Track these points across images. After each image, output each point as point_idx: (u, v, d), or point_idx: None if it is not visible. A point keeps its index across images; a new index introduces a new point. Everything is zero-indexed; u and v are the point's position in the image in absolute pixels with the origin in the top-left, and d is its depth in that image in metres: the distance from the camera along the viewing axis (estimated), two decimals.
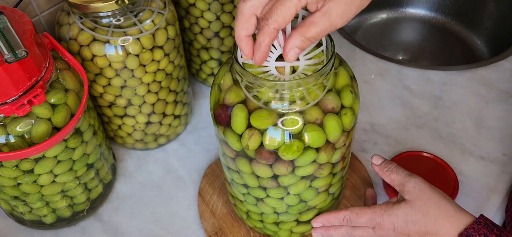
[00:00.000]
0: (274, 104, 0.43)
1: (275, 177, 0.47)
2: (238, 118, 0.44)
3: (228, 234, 0.61)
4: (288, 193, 0.50)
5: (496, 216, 0.62)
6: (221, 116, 0.45)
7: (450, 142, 0.71)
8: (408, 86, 0.80)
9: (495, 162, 0.68)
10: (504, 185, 0.65)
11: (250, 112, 0.44)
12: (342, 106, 0.44)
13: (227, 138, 0.46)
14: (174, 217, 0.65)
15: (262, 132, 0.43)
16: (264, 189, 0.50)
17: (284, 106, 0.43)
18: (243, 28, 0.40)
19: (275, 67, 0.44)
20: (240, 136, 0.44)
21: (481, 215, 0.45)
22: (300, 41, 0.39)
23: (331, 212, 0.52)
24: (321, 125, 0.43)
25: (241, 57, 0.43)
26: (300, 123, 0.43)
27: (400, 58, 1.06)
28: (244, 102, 0.44)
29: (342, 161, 0.50)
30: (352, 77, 0.47)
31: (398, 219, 0.47)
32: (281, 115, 0.43)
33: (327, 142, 0.44)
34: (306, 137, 0.43)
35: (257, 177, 0.48)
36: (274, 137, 0.43)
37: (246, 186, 0.51)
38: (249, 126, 0.43)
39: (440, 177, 0.64)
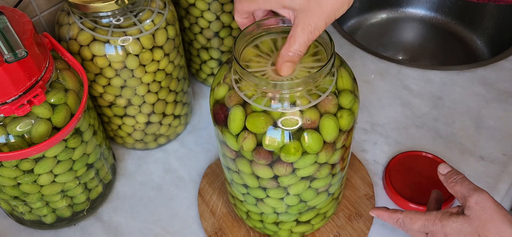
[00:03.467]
0: (273, 105, 0.43)
1: (275, 177, 0.47)
2: (235, 120, 0.44)
3: (228, 234, 0.61)
4: (288, 193, 0.50)
5: None
6: (220, 115, 0.45)
7: (450, 142, 0.71)
8: (408, 86, 0.80)
9: (495, 162, 0.68)
10: (504, 185, 0.65)
11: (247, 114, 0.44)
12: (342, 108, 0.44)
13: (225, 138, 0.46)
14: (174, 217, 0.65)
15: (257, 134, 0.43)
16: (264, 189, 0.50)
17: (284, 107, 0.43)
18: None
19: (272, 70, 0.44)
20: (237, 136, 0.44)
21: None
22: (288, 56, 0.42)
23: (385, 211, 0.50)
24: (319, 126, 0.43)
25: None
26: (299, 123, 0.43)
27: (400, 58, 1.06)
28: (243, 104, 0.44)
29: (342, 161, 0.50)
30: (353, 79, 0.47)
31: (452, 232, 0.44)
32: (281, 116, 0.43)
33: (326, 142, 0.44)
34: (305, 138, 0.43)
35: (257, 177, 0.48)
36: (273, 137, 0.43)
37: (246, 186, 0.51)
38: (245, 128, 0.44)
39: None
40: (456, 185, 0.47)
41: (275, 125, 0.43)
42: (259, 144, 0.44)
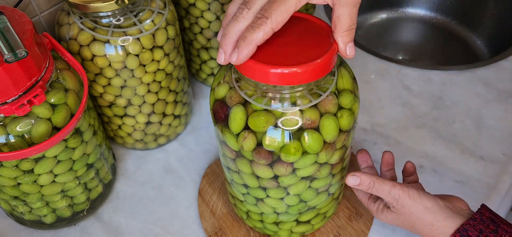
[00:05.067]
0: (273, 105, 0.43)
1: (275, 177, 0.47)
2: (236, 119, 0.44)
3: (228, 234, 0.61)
4: (288, 193, 0.50)
5: None
6: (220, 114, 0.45)
7: (450, 142, 0.71)
8: (408, 86, 0.80)
9: (495, 162, 0.68)
10: (504, 185, 0.65)
11: (248, 113, 0.44)
12: (342, 107, 0.44)
13: (225, 138, 0.46)
14: (174, 217, 0.65)
15: (258, 134, 0.43)
16: (264, 189, 0.50)
17: (284, 107, 0.42)
18: (238, 36, 0.40)
19: None
20: (237, 136, 0.44)
21: (477, 213, 0.47)
22: (348, 37, 0.40)
23: (359, 178, 0.53)
24: (319, 126, 0.43)
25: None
26: (299, 123, 0.43)
27: (400, 58, 1.06)
28: (243, 103, 0.44)
29: (342, 161, 0.50)
30: (353, 79, 0.47)
31: (391, 222, 0.52)
32: (281, 115, 0.43)
33: (326, 142, 0.44)
34: (305, 137, 0.43)
35: (257, 177, 0.48)
36: (273, 137, 0.43)
37: (246, 186, 0.51)
38: (246, 127, 0.44)
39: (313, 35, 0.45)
40: (373, 192, 0.51)
41: (275, 125, 0.43)
42: (259, 144, 0.44)
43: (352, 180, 0.50)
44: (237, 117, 0.43)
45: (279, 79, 0.39)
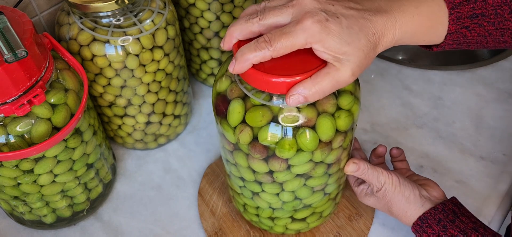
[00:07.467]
0: (273, 101, 0.43)
1: (270, 172, 0.47)
2: (234, 112, 0.44)
3: (228, 234, 0.61)
4: (283, 190, 0.50)
5: (496, 216, 0.62)
6: (221, 107, 0.46)
7: (450, 142, 0.71)
8: (408, 86, 0.80)
9: (495, 162, 0.68)
10: (504, 185, 0.65)
11: (247, 108, 0.44)
12: (340, 108, 0.44)
13: (224, 130, 0.46)
14: (174, 217, 0.65)
15: (255, 128, 0.44)
16: (260, 183, 0.50)
17: (282, 103, 0.43)
18: (241, 35, 0.41)
19: None
20: (235, 129, 0.45)
21: (440, 203, 0.52)
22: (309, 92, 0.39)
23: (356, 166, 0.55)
24: (316, 124, 0.43)
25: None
26: (296, 120, 0.43)
27: (400, 58, 1.06)
28: (243, 97, 0.44)
29: (339, 162, 0.50)
30: (355, 80, 0.47)
31: (373, 205, 0.56)
32: (278, 112, 0.43)
33: (322, 141, 0.44)
34: (301, 135, 0.43)
35: (253, 171, 0.48)
36: (269, 132, 0.43)
37: (242, 179, 0.51)
38: (244, 121, 0.44)
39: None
40: (364, 177, 0.54)
41: (271, 121, 0.43)
42: (256, 138, 0.44)
43: (352, 168, 0.53)
44: (235, 111, 0.44)
45: (281, 88, 0.40)
